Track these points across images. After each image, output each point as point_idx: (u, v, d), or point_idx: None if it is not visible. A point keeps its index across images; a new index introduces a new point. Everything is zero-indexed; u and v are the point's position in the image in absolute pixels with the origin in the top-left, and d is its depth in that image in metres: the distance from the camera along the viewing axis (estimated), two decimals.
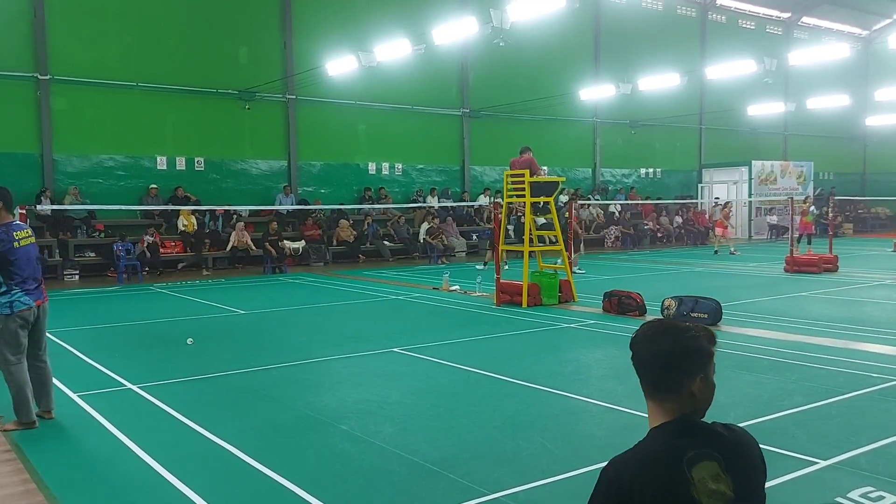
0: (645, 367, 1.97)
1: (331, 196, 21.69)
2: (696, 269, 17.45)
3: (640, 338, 1.99)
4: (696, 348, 1.93)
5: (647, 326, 2.02)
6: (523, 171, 11.96)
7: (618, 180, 29.16)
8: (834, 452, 4.77)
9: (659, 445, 1.88)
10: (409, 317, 11.19)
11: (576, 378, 7.18)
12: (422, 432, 5.37)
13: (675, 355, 1.92)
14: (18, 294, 5.53)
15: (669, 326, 1.98)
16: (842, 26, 35.72)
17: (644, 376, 1.98)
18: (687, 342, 1.93)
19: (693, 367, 1.92)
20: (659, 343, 1.94)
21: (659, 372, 1.94)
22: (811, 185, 31.33)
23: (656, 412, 1.96)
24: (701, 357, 1.93)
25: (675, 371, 1.92)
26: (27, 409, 5.59)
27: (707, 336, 1.96)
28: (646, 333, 1.99)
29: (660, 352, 1.93)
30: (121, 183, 18.64)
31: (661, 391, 1.94)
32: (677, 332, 1.95)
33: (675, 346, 1.92)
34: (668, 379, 1.93)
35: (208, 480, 4.49)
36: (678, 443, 1.86)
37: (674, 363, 1.92)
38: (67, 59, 17.74)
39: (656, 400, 1.96)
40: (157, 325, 10.49)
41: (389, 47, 17.78)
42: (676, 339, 1.93)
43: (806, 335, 8.85)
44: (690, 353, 1.93)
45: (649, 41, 28.13)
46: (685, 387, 1.92)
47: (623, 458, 1.91)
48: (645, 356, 1.96)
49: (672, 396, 1.93)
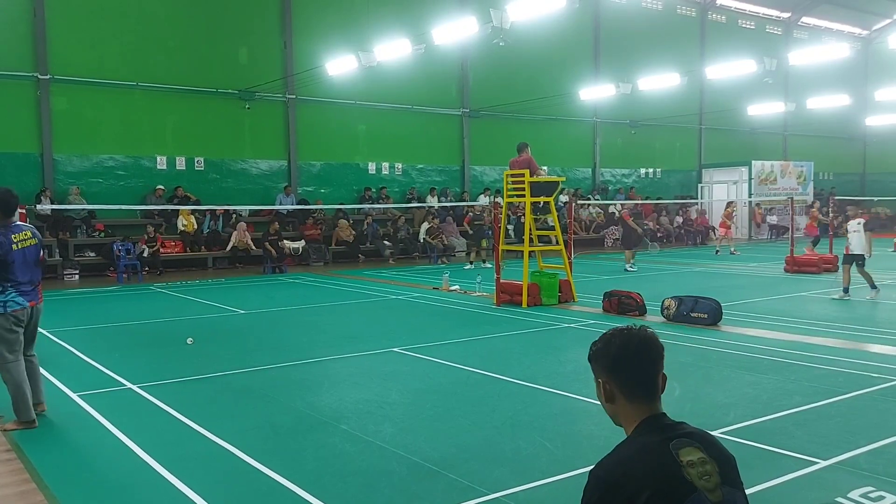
0: (617, 369, 2.06)
1: (331, 196, 21.70)
2: (696, 269, 17.45)
3: (604, 345, 2.11)
4: (656, 342, 2.08)
5: (606, 335, 2.13)
6: (523, 171, 11.94)
7: (618, 180, 29.16)
8: (834, 452, 4.77)
9: (644, 439, 1.96)
10: (408, 317, 11.18)
11: (576, 378, 7.18)
12: (421, 432, 5.37)
13: (642, 352, 2.05)
14: (13, 294, 5.55)
15: (624, 329, 2.10)
16: (842, 26, 35.73)
17: (617, 378, 2.06)
18: (648, 337, 2.07)
19: (659, 362, 2.07)
20: (626, 343, 2.07)
21: (633, 370, 2.05)
22: (811, 184, 31.34)
23: (632, 413, 2.04)
24: (661, 350, 2.08)
25: (647, 367, 2.05)
26: (27, 408, 5.59)
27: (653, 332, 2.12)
28: (608, 339, 2.11)
29: (629, 350, 2.06)
30: (121, 183, 18.64)
31: (638, 389, 2.04)
32: (633, 331, 2.09)
33: (642, 343, 2.06)
34: (642, 377, 2.05)
35: (208, 480, 4.49)
36: (661, 434, 1.95)
37: (646, 359, 2.05)
38: (67, 59, 17.74)
39: (633, 400, 2.04)
40: (157, 324, 10.49)
41: (389, 47, 17.79)
42: (639, 337, 2.07)
43: (806, 335, 8.85)
44: (656, 348, 2.07)
45: (649, 41, 28.14)
46: (656, 383, 2.05)
47: (610, 457, 1.96)
48: (615, 357, 2.07)
49: (646, 394, 2.04)
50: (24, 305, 5.61)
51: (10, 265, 5.53)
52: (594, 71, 27.29)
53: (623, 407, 2.05)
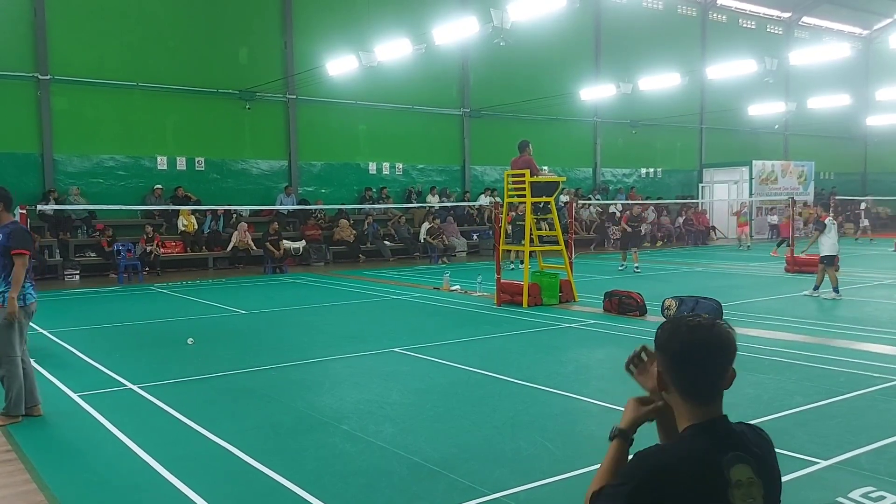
0: (677, 366, 1.89)
1: (331, 196, 21.70)
2: (697, 269, 17.45)
3: (668, 336, 1.91)
4: (729, 343, 1.89)
5: (675, 323, 1.93)
6: (524, 171, 11.93)
7: (618, 180, 29.15)
8: (834, 452, 4.76)
9: (695, 445, 1.83)
10: (409, 317, 11.18)
11: (576, 378, 7.18)
12: (422, 432, 5.37)
13: (711, 353, 1.87)
14: (29, 288, 5.80)
15: (693, 321, 1.91)
16: (842, 26, 35.71)
17: (676, 374, 1.90)
18: (719, 336, 1.88)
19: (728, 365, 1.89)
20: (691, 338, 1.88)
21: (695, 370, 1.88)
22: (812, 184, 31.33)
23: (686, 412, 1.90)
24: (733, 352, 1.90)
25: (711, 369, 1.88)
26: (22, 404, 5.72)
27: (730, 328, 1.93)
28: (674, 329, 1.91)
29: (694, 348, 1.87)
30: (121, 183, 18.65)
31: (696, 389, 1.89)
32: (702, 326, 1.89)
33: (712, 343, 1.87)
34: (703, 379, 1.88)
35: (208, 480, 4.49)
36: (714, 444, 1.83)
37: (712, 361, 1.88)
38: (67, 59, 17.74)
39: (688, 400, 1.89)
40: (158, 325, 10.49)
41: (389, 47, 17.78)
42: (710, 335, 1.88)
43: (806, 335, 8.85)
44: (727, 350, 1.89)
45: (649, 41, 28.13)
46: (718, 386, 1.89)
47: (657, 456, 1.85)
48: (675, 353, 1.89)
49: (705, 397, 1.89)
50: (36, 298, 5.90)
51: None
52: (595, 71, 27.28)
53: (677, 403, 1.91)
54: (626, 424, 2.02)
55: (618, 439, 2.01)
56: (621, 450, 2.00)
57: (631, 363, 2.09)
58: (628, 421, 2.02)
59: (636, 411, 2.03)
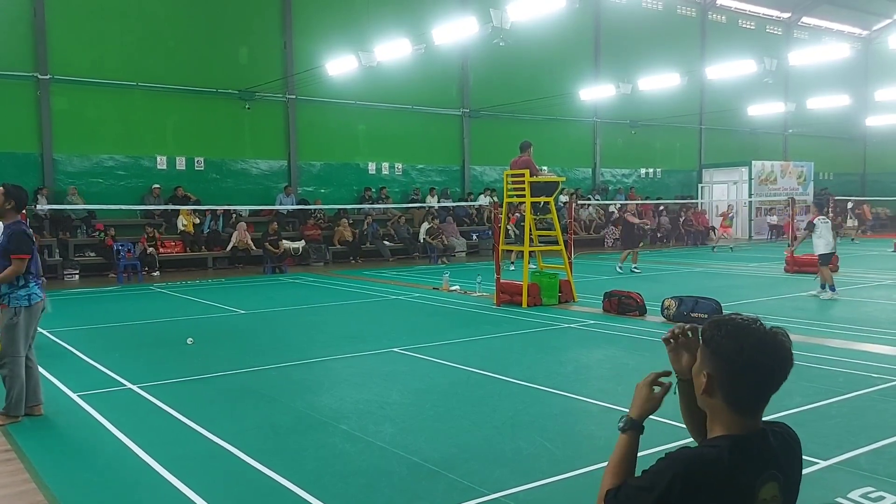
0: (735, 375, 1.77)
1: (331, 196, 21.70)
2: (696, 269, 17.45)
3: (732, 342, 1.77)
4: (791, 359, 1.80)
5: (738, 326, 1.79)
6: (523, 171, 11.94)
7: (618, 180, 29.16)
8: (834, 452, 4.76)
9: (735, 461, 1.74)
10: (409, 317, 11.18)
11: (576, 378, 7.18)
12: (422, 432, 5.37)
13: (775, 369, 1.77)
14: (35, 287, 5.80)
15: (760, 331, 1.78)
16: (842, 26, 35.72)
17: (730, 384, 1.78)
18: (786, 351, 1.78)
19: (784, 381, 1.79)
20: (761, 350, 1.75)
21: (754, 384, 1.77)
22: (811, 185, 31.34)
23: (727, 421, 1.80)
24: (791, 368, 1.81)
25: (769, 386, 1.79)
26: (22, 405, 5.71)
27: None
28: (741, 335, 1.77)
29: (765, 368, 1.76)
30: (121, 183, 18.65)
31: (747, 403, 1.80)
32: (772, 339, 1.77)
33: (779, 358, 1.77)
34: (758, 395, 1.79)
35: (208, 480, 4.49)
36: (753, 463, 1.76)
37: (773, 378, 1.77)
38: (67, 59, 17.74)
39: (734, 411, 1.79)
40: (157, 325, 10.49)
41: (389, 47, 17.78)
42: (778, 349, 1.77)
43: (806, 335, 8.84)
44: (788, 366, 1.79)
45: (649, 41, 28.14)
46: (768, 400, 1.81)
47: (695, 460, 1.75)
48: (739, 364, 1.76)
49: (753, 411, 1.81)
50: (41, 297, 5.89)
51: (33, 258, 5.80)
52: (594, 71, 27.29)
53: (718, 409, 1.81)
54: (637, 414, 1.92)
55: (631, 431, 1.92)
56: (634, 442, 1.91)
57: (673, 338, 1.98)
58: (640, 409, 1.93)
59: (648, 399, 1.94)
